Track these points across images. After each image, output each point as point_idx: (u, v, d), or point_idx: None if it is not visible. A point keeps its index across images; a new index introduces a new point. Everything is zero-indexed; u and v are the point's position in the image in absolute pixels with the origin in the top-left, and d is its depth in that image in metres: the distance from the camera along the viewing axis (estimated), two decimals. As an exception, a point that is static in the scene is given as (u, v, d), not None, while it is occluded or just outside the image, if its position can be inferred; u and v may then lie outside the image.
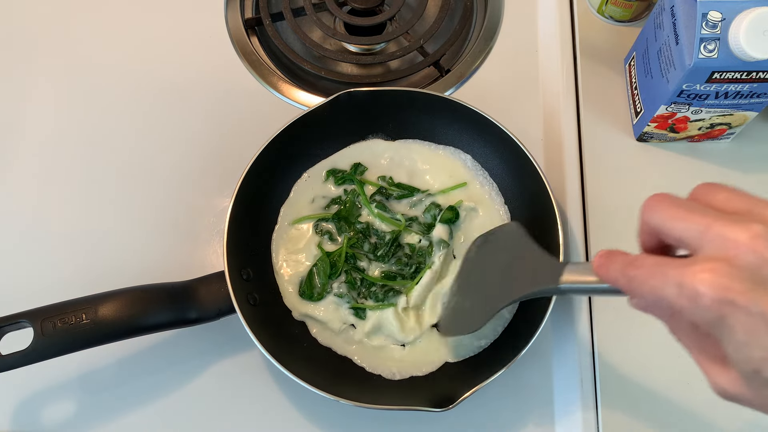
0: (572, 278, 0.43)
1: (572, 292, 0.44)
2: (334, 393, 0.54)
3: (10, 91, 0.74)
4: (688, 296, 0.32)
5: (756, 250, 0.31)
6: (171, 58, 0.75)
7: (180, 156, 0.70)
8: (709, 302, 0.31)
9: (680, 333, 0.37)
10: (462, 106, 0.64)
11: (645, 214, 0.36)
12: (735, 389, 0.34)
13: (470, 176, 0.66)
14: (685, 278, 0.32)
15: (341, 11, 0.76)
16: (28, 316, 0.53)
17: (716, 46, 0.52)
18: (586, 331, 0.61)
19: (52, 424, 0.60)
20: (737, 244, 0.31)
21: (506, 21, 0.76)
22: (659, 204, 0.35)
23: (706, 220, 0.33)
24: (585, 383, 0.60)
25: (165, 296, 0.56)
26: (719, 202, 0.35)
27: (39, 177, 0.70)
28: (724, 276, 0.31)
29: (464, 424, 0.59)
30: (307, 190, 0.66)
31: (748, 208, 0.34)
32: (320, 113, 0.64)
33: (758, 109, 0.60)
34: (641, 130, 0.66)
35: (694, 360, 0.36)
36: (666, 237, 0.35)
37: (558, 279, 0.43)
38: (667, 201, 0.35)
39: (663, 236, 0.36)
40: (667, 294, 0.33)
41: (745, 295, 0.30)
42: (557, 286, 0.43)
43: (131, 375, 0.61)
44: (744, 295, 0.30)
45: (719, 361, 0.34)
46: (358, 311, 0.61)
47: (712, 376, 0.35)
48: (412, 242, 0.64)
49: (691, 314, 0.32)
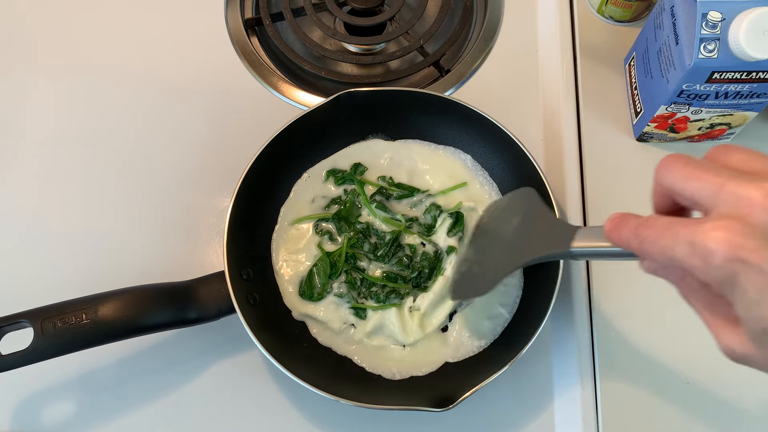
0: (583, 242, 0.43)
1: (583, 256, 0.44)
2: (334, 393, 0.54)
3: (10, 91, 0.74)
4: (699, 255, 0.31)
5: None
6: (171, 58, 0.75)
7: (180, 156, 0.70)
8: (721, 261, 0.31)
9: (691, 295, 0.36)
10: (462, 106, 0.64)
11: (659, 173, 0.36)
12: (744, 349, 0.33)
13: (470, 176, 0.66)
14: (697, 236, 0.31)
15: (341, 11, 0.76)
16: (28, 316, 0.53)
17: (716, 46, 0.52)
18: (585, 331, 0.61)
19: (52, 424, 0.60)
20: (751, 203, 0.31)
21: (506, 21, 0.76)
22: (674, 163, 0.35)
23: (720, 179, 0.33)
24: (585, 383, 0.60)
25: (165, 296, 0.56)
26: (735, 162, 0.34)
27: (39, 177, 0.70)
28: (736, 234, 0.30)
29: (464, 424, 0.59)
30: (307, 190, 0.66)
31: (762, 167, 0.33)
32: (320, 113, 0.64)
33: (758, 109, 0.60)
34: (641, 130, 0.66)
35: (704, 322, 0.36)
36: (679, 197, 0.35)
37: (569, 243, 0.43)
38: (682, 160, 0.35)
39: (676, 196, 0.35)
40: (678, 253, 0.32)
41: (757, 253, 0.30)
42: (569, 249, 0.43)
43: (131, 375, 0.61)
44: (756, 253, 0.30)
45: (729, 322, 0.34)
46: (358, 311, 0.61)
47: (721, 337, 0.35)
48: (413, 243, 0.64)
49: (702, 274, 0.32)
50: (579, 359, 0.60)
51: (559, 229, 0.46)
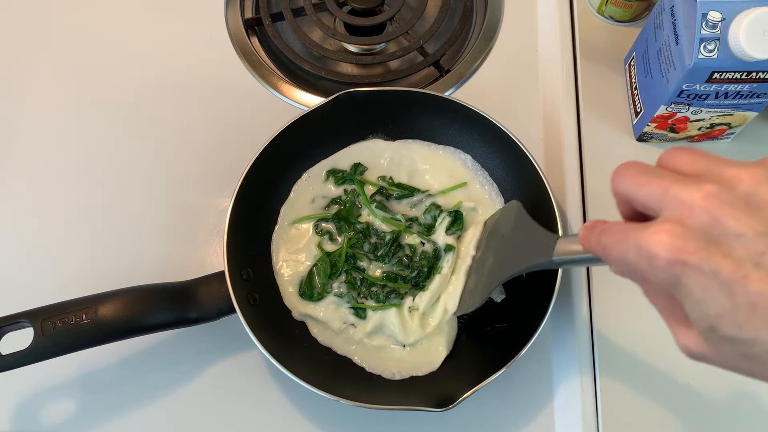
0: (563, 250, 0.44)
1: (564, 264, 0.45)
2: (334, 393, 0.54)
3: (10, 91, 0.74)
4: (645, 258, 0.32)
5: (708, 210, 0.31)
6: (171, 58, 0.75)
7: (180, 156, 0.70)
8: (664, 263, 0.32)
9: (652, 296, 0.37)
10: (462, 106, 0.64)
11: (613, 182, 0.37)
12: (697, 348, 0.34)
13: (470, 176, 0.66)
14: (642, 240, 0.32)
15: (341, 11, 0.76)
16: (28, 316, 0.53)
17: (716, 46, 0.52)
18: (585, 331, 0.61)
19: (52, 424, 0.60)
20: (690, 205, 0.32)
21: (506, 21, 0.76)
22: (625, 171, 0.36)
23: (664, 183, 0.33)
24: (585, 383, 0.60)
25: (165, 296, 0.56)
26: (682, 165, 0.35)
27: (39, 177, 0.70)
28: (676, 237, 0.31)
29: (464, 424, 0.59)
30: (307, 190, 0.66)
31: (707, 168, 0.34)
32: (320, 113, 0.64)
33: (758, 109, 0.60)
34: (641, 130, 0.66)
35: (665, 322, 0.37)
36: (635, 204, 0.36)
37: (551, 252, 0.44)
38: (633, 168, 0.36)
39: (632, 203, 0.36)
40: (630, 258, 0.33)
41: (697, 255, 0.31)
42: (550, 258, 0.44)
43: (131, 375, 0.61)
44: (696, 255, 0.31)
45: (683, 322, 0.35)
46: (358, 311, 0.61)
47: (678, 336, 0.36)
48: (413, 242, 0.64)
49: (651, 277, 0.33)
50: (579, 359, 0.60)
51: (543, 239, 0.47)
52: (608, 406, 0.59)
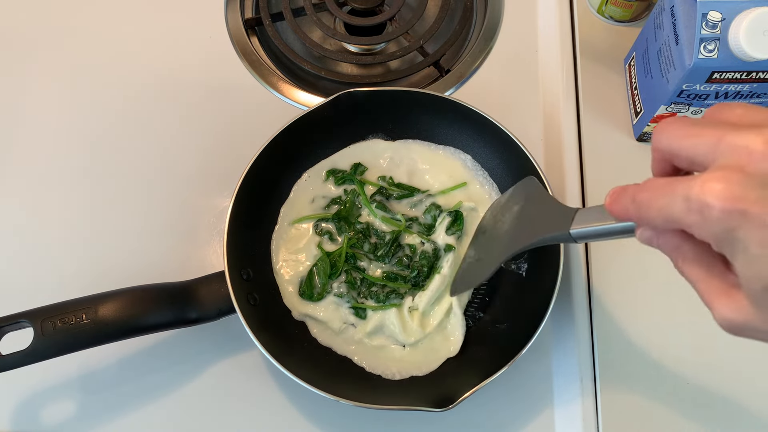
0: (582, 223, 0.42)
1: (583, 237, 0.43)
2: (334, 393, 0.54)
3: (10, 91, 0.74)
4: (696, 209, 0.29)
5: None
6: (171, 58, 0.75)
7: (180, 156, 0.70)
8: (719, 213, 0.28)
9: (684, 265, 0.34)
10: (462, 106, 0.64)
11: (655, 138, 0.34)
12: (741, 316, 0.31)
13: (470, 176, 0.66)
14: (693, 190, 0.29)
15: (341, 11, 0.76)
16: (28, 316, 0.53)
17: (716, 46, 0.52)
18: (585, 331, 0.61)
19: (52, 424, 0.60)
20: (750, 152, 0.29)
21: (506, 21, 0.76)
22: (670, 124, 0.33)
23: (718, 133, 0.31)
24: (585, 382, 0.60)
25: (165, 296, 0.56)
26: (735, 117, 0.32)
27: (39, 177, 0.70)
28: (734, 184, 0.28)
29: (464, 424, 0.59)
30: (307, 190, 0.66)
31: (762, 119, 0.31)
32: (320, 113, 0.64)
33: (758, 109, 0.60)
34: (641, 130, 0.66)
35: (700, 294, 0.34)
36: (677, 159, 0.33)
37: (568, 225, 0.43)
38: (679, 121, 0.33)
39: (674, 159, 0.33)
40: (675, 211, 0.30)
41: (758, 204, 0.28)
42: (567, 231, 0.43)
43: (131, 375, 0.61)
44: (757, 205, 0.28)
45: (725, 290, 0.32)
46: (358, 311, 0.61)
47: (717, 307, 0.33)
48: (413, 242, 0.64)
49: (700, 231, 0.30)
50: (579, 359, 0.60)
51: (559, 212, 0.46)
52: (608, 405, 0.59)
